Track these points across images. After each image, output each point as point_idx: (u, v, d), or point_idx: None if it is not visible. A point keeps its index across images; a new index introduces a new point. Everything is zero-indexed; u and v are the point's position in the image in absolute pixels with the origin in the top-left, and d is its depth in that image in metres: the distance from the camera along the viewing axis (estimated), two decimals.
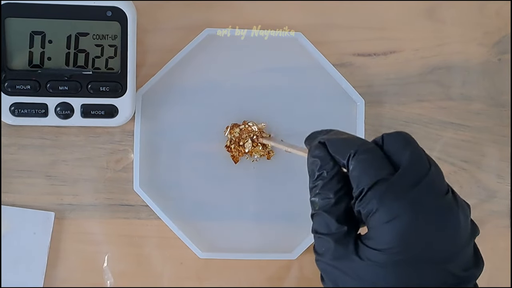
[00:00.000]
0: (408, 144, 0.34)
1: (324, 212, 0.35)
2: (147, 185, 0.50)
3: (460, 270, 0.33)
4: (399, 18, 0.54)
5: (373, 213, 0.33)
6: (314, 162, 0.36)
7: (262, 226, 0.52)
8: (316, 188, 0.36)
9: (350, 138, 0.36)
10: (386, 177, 0.33)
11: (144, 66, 0.51)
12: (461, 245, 0.34)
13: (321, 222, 0.35)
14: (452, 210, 0.33)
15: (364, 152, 0.34)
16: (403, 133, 0.35)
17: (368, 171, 0.33)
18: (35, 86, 0.46)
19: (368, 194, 0.33)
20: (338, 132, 0.37)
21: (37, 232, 0.49)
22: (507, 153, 0.55)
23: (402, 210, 0.32)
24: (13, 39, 0.45)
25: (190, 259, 0.51)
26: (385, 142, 0.35)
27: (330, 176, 0.35)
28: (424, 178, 0.33)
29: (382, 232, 0.32)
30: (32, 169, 0.50)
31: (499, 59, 0.55)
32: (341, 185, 0.35)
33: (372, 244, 0.33)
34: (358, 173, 0.34)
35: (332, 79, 0.52)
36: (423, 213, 0.32)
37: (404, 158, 0.34)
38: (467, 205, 0.35)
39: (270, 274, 0.52)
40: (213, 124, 0.51)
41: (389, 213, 0.32)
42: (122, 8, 0.45)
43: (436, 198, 0.33)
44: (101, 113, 0.48)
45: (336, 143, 0.35)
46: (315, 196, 0.36)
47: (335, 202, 0.35)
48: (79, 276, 0.50)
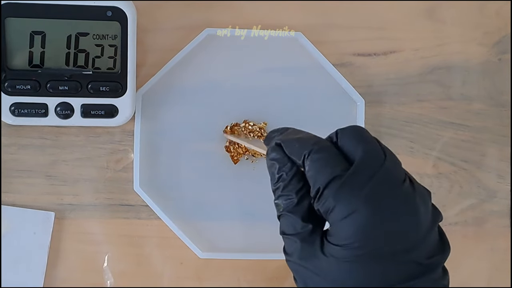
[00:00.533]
0: (360, 138, 0.34)
1: (288, 213, 0.35)
2: (147, 185, 0.50)
3: (424, 258, 0.33)
4: (399, 18, 0.54)
5: (331, 210, 0.33)
6: (273, 165, 0.36)
7: (262, 226, 0.52)
8: (278, 190, 0.36)
9: (304, 137, 0.36)
10: (341, 174, 0.33)
11: (144, 66, 0.51)
12: (422, 233, 0.33)
13: (287, 223, 0.35)
14: (410, 199, 0.33)
15: (318, 151, 0.34)
16: (356, 127, 0.35)
17: (323, 169, 0.33)
18: (35, 86, 0.46)
19: (325, 193, 0.33)
20: (294, 131, 0.37)
21: (37, 232, 0.49)
22: (507, 153, 0.55)
23: (358, 205, 0.32)
24: (13, 39, 0.45)
25: (190, 259, 0.51)
26: (339, 138, 0.35)
27: (289, 177, 0.35)
28: (378, 171, 0.33)
29: (341, 228, 0.33)
30: (32, 169, 0.50)
31: (499, 59, 0.55)
32: (302, 184, 0.35)
33: (333, 240, 0.33)
34: (313, 173, 0.34)
35: (332, 79, 0.52)
36: (379, 205, 0.32)
37: (357, 152, 0.34)
38: (427, 192, 0.35)
39: (270, 274, 0.52)
40: (213, 124, 0.51)
41: (345, 209, 0.32)
42: (122, 8, 0.45)
43: (392, 188, 0.33)
44: (101, 113, 0.48)
45: (291, 144, 0.36)
46: (278, 198, 0.36)
47: (298, 201, 0.35)
48: (79, 276, 0.50)
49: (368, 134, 0.35)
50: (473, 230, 0.55)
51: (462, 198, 0.55)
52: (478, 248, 0.55)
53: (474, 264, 0.55)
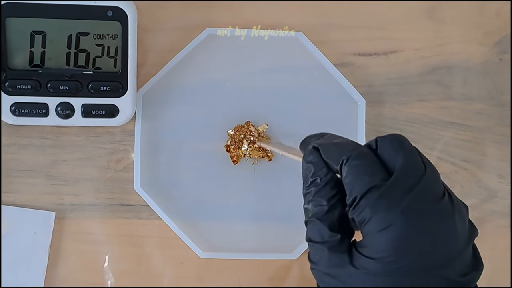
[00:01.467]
0: (401, 148, 0.33)
1: (317, 220, 0.34)
2: (147, 185, 0.50)
3: (458, 276, 0.33)
4: (399, 18, 0.54)
5: (367, 221, 0.32)
6: (308, 167, 0.35)
7: (263, 226, 0.52)
8: (309, 195, 0.35)
9: (343, 142, 0.35)
10: (379, 184, 0.32)
11: (144, 66, 0.51)
12: (458, 249, 0.33)
13: (314, 230, 0.34)
14: (448, 214, 0.33)
15: (357, 158, 0.33)
16: (396, 136, 0.34)
17: (361, 177, 0.32)
18: (35, 85, 0.46)
19: (361, 202, 0.32)
20: (332, 136, 0.37)
21: (38, 232, 0.49)
22: (507, 153, 0.55)
23: (396, 219, 0.31)
24: (13, 38, 0.45)
25: (190, 259, 0.51)
26: (379, 146, 0.34)
27: (323, 182, 0.34)
28: (418, 184, 0.32)
29: (376, 240, 0.32)
30: (32, 169, 0.50)
31: (499, 59, 0.55)
32: (335, 191, 0.34)
33: (366, 252, 0.32)
34: (351, 180, 0.33)
35: (332, 79, 0.52)
36: (417, 220, 0.32)
37: (397, 163, 0.33)
38: (465, 206, 0.35)
39: (271, 274, 0.52)
40: (213, 124, 0.51)
41: (382, 221, 0.31)
42: (122, 8, 0.45)
43: (431, 203, 0.32)
44: (101, 113, 0.47)
45: (329, 148, 0.35)
46: (308, 203, 0.35)
47: (328, 209, 0.34)
48: (79, 276, 0.50)
49: (409, 143, 0.34)
50: None
51: (463, 198, 0.53)
52: (478, 248, 0.55)
53: None
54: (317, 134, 0.37)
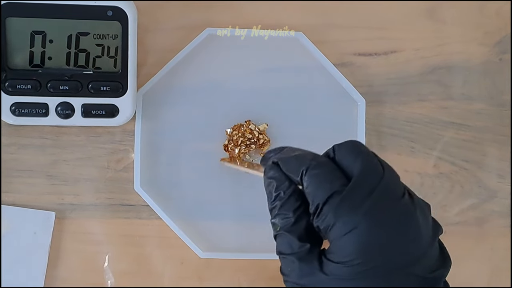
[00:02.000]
0: (359, 152, 0.34)
1: (285, 232, 0.35)
2: (147, 185, 0.50)
3: (426, 272, 0.33)
4: (399, 18, 0.54)
5: (331, 227, 0.32)
6: (270, 183, 0.36)
7: (263, 225, 0.51)
8: (275, 209, 0.35)
9: (301, 154, 0.35)
10: (340, 189, 0.33)
11: (144, 66, 0.51)
12: (423, 247, 0.33)
13: (284, 242, 0.35)
14: (410, 213, 0.33)
15: (316, 167, 0.34)
16: (353, 141, 0.35)
17: (322, 185, 0.33)
18: (35, 85, 0.46)
19: (324, 209, 0.33)
20: (290, 149, 0.37)
21: (38, 232, 0.49)
22: (507, 153, 0.55)
23: (358, 221, 0.32)
24: (13, 38, 0.45)
25: (190, 258, 0.51)
26: (336, 153, 0.35)
27: (287, 195, 0.35)
28: (378, 186, 0.33)
29: (342, 245, 0.32)
30: (32, 168, 0.50)
31: (499, 59, 0.55)
32: (299, 203, 0.35)
33: (334, 258, 0.33)
34: (312, 189, 0.33)
35: (332, 78, 0.52)
36: (380, 221, 0.32)
37: (356, 167, 0.33)
38: (427, 205, 0.35)
39: (271, 274, 0.52)
40: (213, 124, 0.51)
41: (346, 225, 0.32)
42: (123, 8, 0.45)
43: (392, 204, 0.33)
44: (101, 113, 0.48)
45: (288, 161, 0.35)
46: (275, 217, 0.35)
47: (295, 220, 0.34)
48: (79, 276, 0.50)
49: (365, 148, 0.35)
50: (473, 230, 0.55)
51: (463, 198, 0.55)
52: (478, 248, 0.55)
53: (474, 264, 0.55)
54: (276, 149, 0.38)
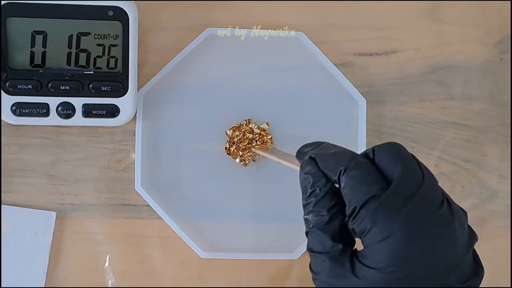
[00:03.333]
0: (399, 156, 0.33)
1: (318, 230, 0.34)
2: (148, 185, 0.50)
3: (459, 282, 0.33)
4: (400, 18, 0.54)
5: (367, 231, 0.32)
6: (306, 178, 0.35)
7: (264, 226, 0.52)
8: (309, 206, 0.35)
9: (340, 152, 0.35)
10: (378, 194, 0.32)
11: (145, 66, 0.51)
12: (459, 256, 0.33)
13: (315, 240, 0.34)
14: (448, 222, 0.33)
15: (355, 168, 0.33)
16: (394, 144, 0.34)
17: (360, 188, 0.32)
18: (36, 85, 0.46)
19: (361, 213, 0.32)
20: (328, 146, 0.36)
21: (39, 231, 0.49)
22: (508, 153, 0.55)
23: (396, 228, 0.31)
24: (14, 38, 0.45)
25: (191, 259, 0.51)
26: (376, 155, 0.34)
27: (322, 193, 0.34)
28: (417, 192, 0.32)
29: (377, 250, 0.32)
30: (33, 168, 0.50)
31: (500, 58, 0.55)
32: (335, 202, 0.34)
33: (368, 262, 0.32)
34: (350, 190, 0.33)
35: (333, 78, 0.52)
36: (417, 229, 0.32)
37: (395, 172, 0.33)
38: (464, 212, 0.34)
39: (272, 274, 0.52)
40: (214, 123, 0.51)
41: (382, 231, 0.31)
42: (123, 8, 0.45)
43: (430, 211, 0.32)
44: (102, 113, 0.48)
45: (326, 159, 0.34)
46: (309, 213, 0.35)
47: (329, 219, 0.34)
48: (80, 276, 0.50)
49: (406, 151, 0.34)
50: (474, 230, 0.55)
51: (464, 198, 0.55)
52: (479, 248, 0.54)
53: None
54: (313, 143, 0.37)
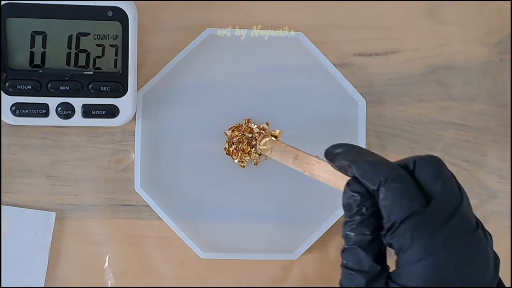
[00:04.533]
0: (440, 173, 0.33)
1: (359, 248, 0.34)
2: (148, 185, 0.50)
3: None
4: (400, 18, 0.54)
5: (406, 249, 0.32)
6: (353, 196, 0.35)
7: (263, 226, 0.52)
8: (353, 223, 0.34)
9: (378, 161, 0.35)
10: (419, 210, 0.32)
11: (145, 66, 0.51)
12: (489, 280, 0.33)
13: (353, 257, 0.34)
14: (483, 245, 0.33)
15: (395, 180, 0.33)
16: (436, 160, 0.34)
17: (400, 202, 0.32)
18: (36, 86, 0.46)
19: (401, 228, 0.32)
20: (361, 151, 0.36)
21: (38, 232, 0.49)
22: (508, 153, 0.55)
23: (435, 249, 0.31)
24: (14, 39, 0.45)
25: (191, 259, 0.51)
26: (417, 168, 0.34)
27: (369, 213, 0.34)
28: (456, 213, 0.32)
29: (414, 270, 0.32)
30: (33, 169, 0.50)
31: (500, 59, 0.55)
32: (380, 223, 0.34)
33: (401, 281, 0.32)
34: (389, 203, 0.33)
35: (333, 79, 0.52)
36: (455, 250, 0.32)
37: (437, 189, 0.33)
38: (491, 236, 0.35)
39: (272, 275, 0.52)
40: (214, 124, 0.51)
41: (422, 251, 0.31)
42: (123, 8, 0.45)
43: (468, 233, 0.32)
44: (102, 113, 0.48)
45: (364, 167, 0.34)
46: (351, 230, 0.34)
47: (371, 239, 0.34)
48: (80, 276, 0.50)
49: (447, 169, 0.34)
50: None
51: None
52: None
53: None
54: (343, 145, 0.37)
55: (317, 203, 0.52)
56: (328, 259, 0.52)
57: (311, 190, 0.52)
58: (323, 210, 0.51)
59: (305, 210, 0.52)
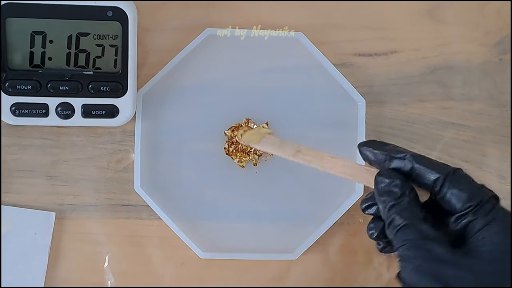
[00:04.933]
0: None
1: (417, 220, 0.36)
2: (148, 185, 0.50)
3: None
4: (400, 18, 0.54)
5: (488, 224, 0.35)
6: (393, 182, 0.37)
7: (263, 226, 0.52)
8: (402, 204, 0.36)
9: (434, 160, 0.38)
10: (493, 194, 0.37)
11: (145, 66, 0.51)
12: None
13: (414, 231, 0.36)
14: None
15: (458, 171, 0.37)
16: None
17: (474, 187, 0.37)
18: (36, 86, 0.46)
19: (486, 206, 0.36)
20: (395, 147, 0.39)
21: (38, 232, 0.49)
22: (508, 153, 0.55)
23: None
24: (13, 39, 0.45)
25: (191, 259, 0.51)
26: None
27: (413, 195, 0.37)
28: None
29: (494, 241, 0.35)
30: (33, 169, 0.50)
31: (500, 59, 0.55)
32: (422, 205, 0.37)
33: (482, 251, 0.35)
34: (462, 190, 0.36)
35: (333, 79, 0.52)
36: None
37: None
38: None
39: (271, 275, 0.52)
40: (213, 124, 0.51)
41: (502, 226, 0.35)
42: (123, 8, 0.45)
43: None
44: (102, 113, 0.48)
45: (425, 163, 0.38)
46: (402, 210, 0.36)
47: (424, 215, 0.36)
48: (79, 276, 0.50)
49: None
50: None
51: None
52: None
53: None
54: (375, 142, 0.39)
55: (317, 203, 0.52)
56: (328, 259, 0.52)
57: (311, 190, 0.52)
58: (323, 210, 0.51)
59: (305, 210, 0.52)
